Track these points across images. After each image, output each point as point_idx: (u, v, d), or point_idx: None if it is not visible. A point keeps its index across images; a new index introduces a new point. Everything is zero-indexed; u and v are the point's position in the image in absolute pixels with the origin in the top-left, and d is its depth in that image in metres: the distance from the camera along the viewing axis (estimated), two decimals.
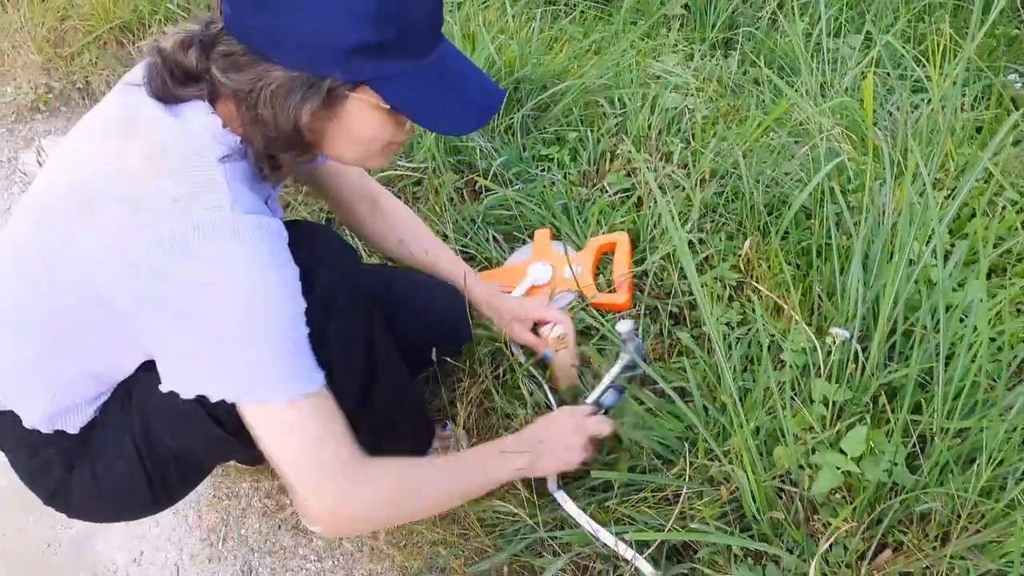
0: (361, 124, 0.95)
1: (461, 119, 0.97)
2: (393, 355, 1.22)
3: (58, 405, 1.05)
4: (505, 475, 1.16)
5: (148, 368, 0.99)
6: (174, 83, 0.93)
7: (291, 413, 0.93)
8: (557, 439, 1.20)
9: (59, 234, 0.94)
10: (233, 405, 0.94)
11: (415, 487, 1.06)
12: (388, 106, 0.93)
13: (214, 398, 0.93)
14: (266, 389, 0.92)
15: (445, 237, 1.66)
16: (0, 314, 1.03)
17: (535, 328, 1.39)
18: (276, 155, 0.97)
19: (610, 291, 1.49)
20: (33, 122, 2.50)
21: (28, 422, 1.06)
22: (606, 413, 1.27)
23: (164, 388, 0.94)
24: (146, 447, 1.09)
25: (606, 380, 1.29)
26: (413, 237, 1.40)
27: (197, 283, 0.87)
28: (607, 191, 1.67)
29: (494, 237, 1.66)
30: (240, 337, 0.89)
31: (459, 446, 1.40)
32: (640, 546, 1.17)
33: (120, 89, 1.00)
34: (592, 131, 1.80)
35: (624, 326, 1.31)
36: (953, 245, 1.43)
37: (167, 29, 0.99)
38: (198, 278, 0.87)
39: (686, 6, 2.36)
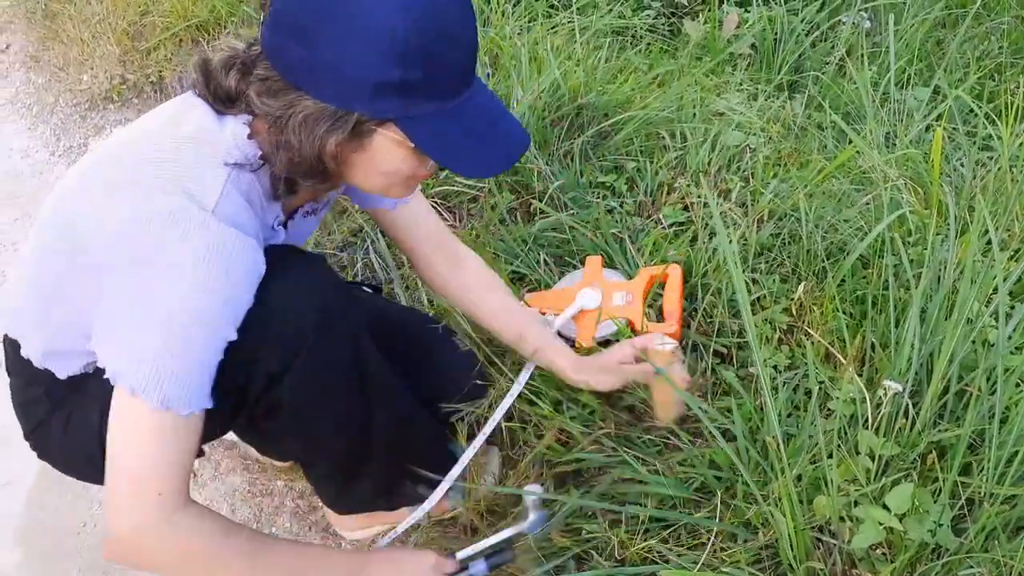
0: (385, 158, 0.97)
1: (483, 163, 0.98)
2: (393, 389, 1.21)
3: (49, 346, 1.09)
4: None
5: None
6: (216, 102, 0.97)
7: (151, 420, 0.90)
8: None
9: (83, 183, 1.00)
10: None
11: (212, 560, 0.97)
12: (413, 145, 0.94)
13: (101, 363, 0.92)
14: (146, 384, 0.88)
15: (495, 256, 1.67)
16: (25, 257, 1.09)
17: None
18: (295, 179, 0.99)
19: (659, 321, 1.48)
20: (105, 111, 2.59)
21: (24, 351, 1.11)
22: None
23: (89, 347, 0.95)
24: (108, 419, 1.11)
25: (493, 539, 1.23)
26: (497, 306, 1.36)
27: (147, 260, 0.88)
28: (662, 223, 1.67)
29: (545, 260, 1.66)
30: (155, 330, 0.88)
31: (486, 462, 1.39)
32: None
33: (184, 96, 1.03)
34: (651, 162, 1.80)
35: (530, 497, 1.25)
36: (1014, 307, 1.40)
37: (219, 43, 1.02)
38: (151, 257, 0.88)
39: (753, 46, 2.36)
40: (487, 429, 1.34)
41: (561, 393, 1.39)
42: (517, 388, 1.36)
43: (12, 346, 1.14)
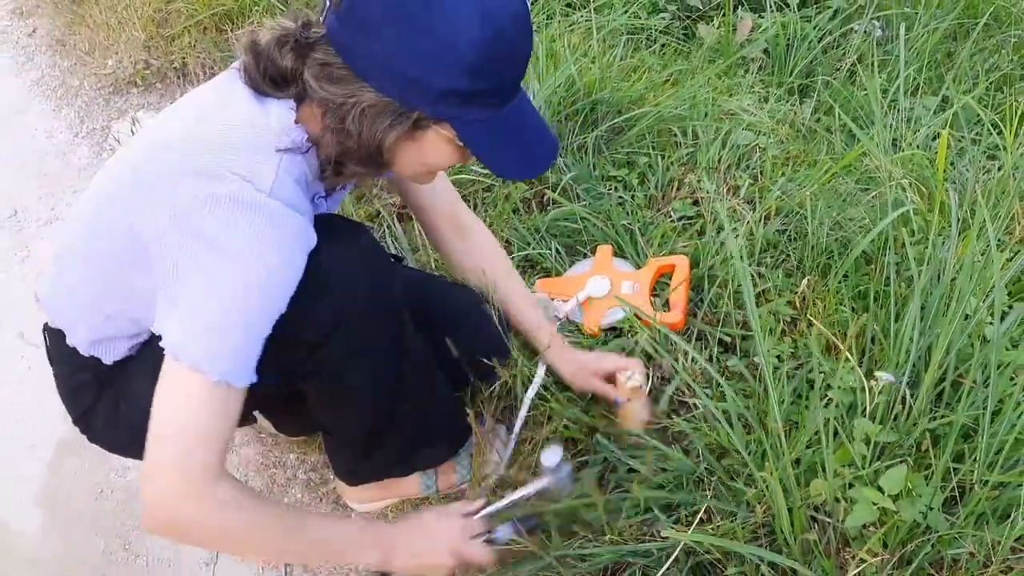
0: (433, 152, 1.02)
1: (523, 167, 1.05)
2: (425, 360, 1.26)
3: (97, 334, 1.13)
4: (357, 560, 1.14)
5: None
6: (267, 82, 0.99)
7: (205, 393, 0.92)
8: (428, 552, 1.16)
9: (132, 170, 1.03)
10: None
11: (250, 529, 1.00)
12: (462, 143, 0.99)
13: (162, 342, 0.94)
14: (206, 358, 0.92)
15: (508, 243, 1.71)
16: (68, 244, 1.13)
17: (611, 380, 1.38)
18: (345, 163, 1.03)
19: (664, 311, 1.53)
20: (129, 95, 2.64)
21: (70, 341, 1.15)
22: (492, 542, 1.21)
23: (153, 328, 0.97)
24: None
25: (515, 496, 1.26)
26: (502, 279, 1.42)
27: (210, 245, 0.92)
28: (671, 216, 1.72)
29: (557, 249, 1.71)
30: (216, 307, 0.92)
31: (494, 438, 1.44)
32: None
33: (228, 74, 1.07)
34: (662, 158, 1.85)
35: (550, 458, 1.28)
36: (1011, 307, 1.44)
37: (265, 21, 1.05)
38: (212, 241, 0.91)
39: (766, 51, 2.41)
40: (530, 393, 1.39)
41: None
42: (538, 379, 1.41)
43: (56, 335, 1.17)
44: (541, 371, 1.41)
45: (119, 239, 1.02)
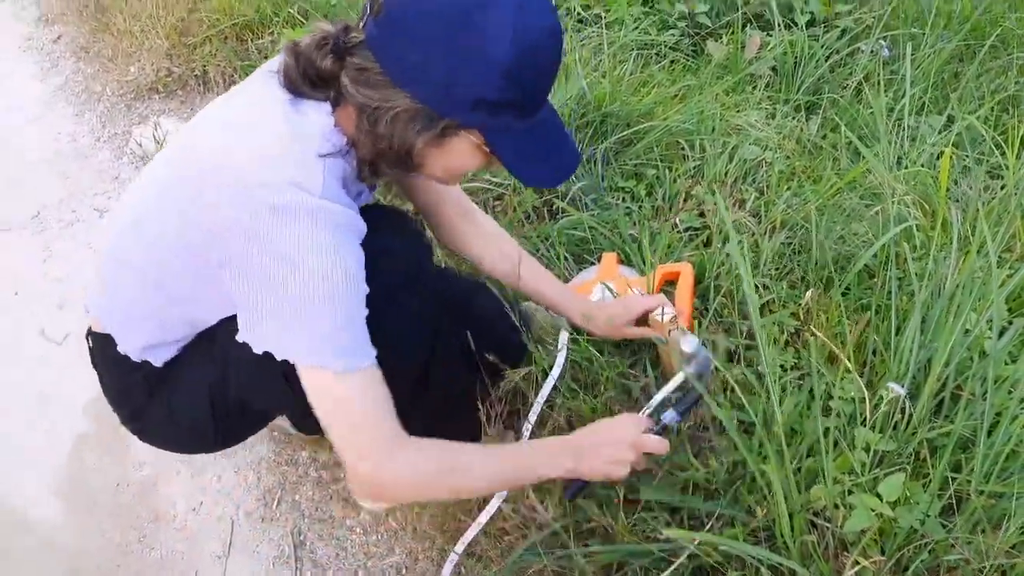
0: (460, 157, 1.07)
1: (547, 175, 1.09)
2: (455, 349, 1.31)
3: (151, 339, 1.19)
4: (551, 471, 1.20)
5: (232, 319, 1.09)
6: (305, 83, 1.04)
7: (343, 383, 1.02)
8: (611, 447, 1.21)
9: (188, 187, 1.07)
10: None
11: (459, 464, 1.10)
12: (488, 150, 1.04)
13: (279, 357, 1.02)
14: (324, 357, 1.00)
15: None
16: (122, 252, 1.16)
17: (641, 322, 1.44)
18: (379, 164, 1.09)
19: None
20: (150, 101, 2.70)
21: (122, 348, 1.20)
22: (664, 430, 1.28)
23: (239, 338, 1.04)
24: (219, 391, 1.22)
25: (664, 391, 1.30)
26: (513, 255, 1.48)
27: (283, 254, 0.97)
28: (678, 227, 1.76)
29: (564, 256, 1.75)
30: (310, 309, 0.98)
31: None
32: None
33: (261, 76, 1.11)
34: (670, 170, 1.89)
35: (689, 344, 1.33)
36: (1011, 322, 1.47)
37: (284, 32, 1.10)
38: (284, 250, 0.97)
39: (773, 68, 2.45)
40: (545, 389, 1.43)
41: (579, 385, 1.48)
42: (556, 372, 1.45)
43: (102, 341, 1.22)
44: (555, 372, 1.45)
45: (177, 253, 1.07)
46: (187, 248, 1.06)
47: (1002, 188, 1.89)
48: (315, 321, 0.99)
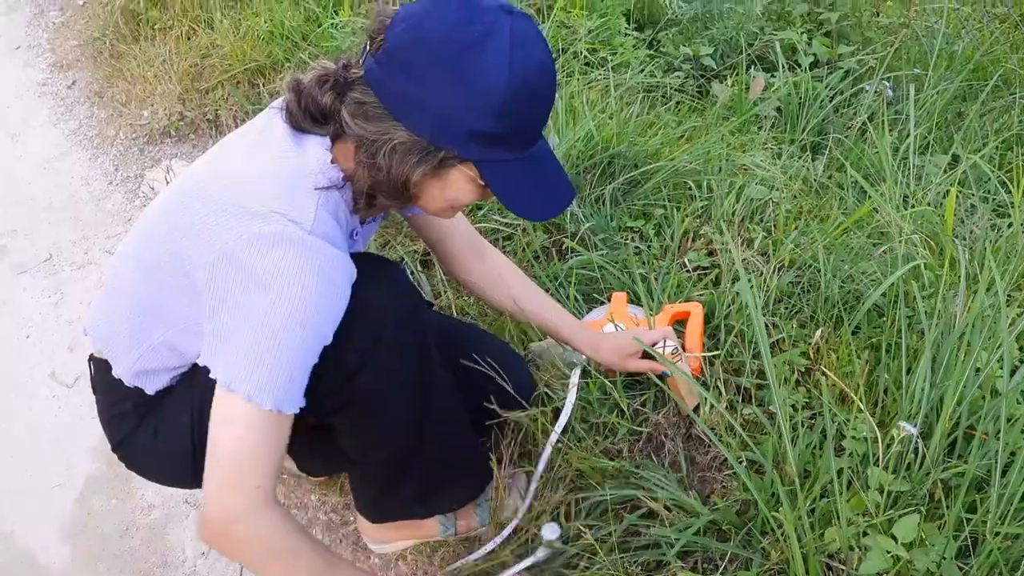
0: (456, 190, 1.08)
1: (540, 208, 1.11)
2: (451, 396, 1.30)
3: (141, 365, 1.19)
4: None
5: None
6: (306, 118, 1.06)
7: (258, 420, 0.98)
8: None
9: (181, 208, 1.09)
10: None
11: (294, 554, 1.04)
12: (483, 183, 1.06)
13: (214, 374, 1.00)
14: (254, 388, 0.97)
15: None
16: (119, 278, 1.19)
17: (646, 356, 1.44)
18: (376, 196, 1.10)
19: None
20: (163, 145, 2.74)
21: (115, 372, 1.21)
22: None
23: (199, 362, 1.04)
24: (199, 423, 1.19)
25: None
26: (522, 289, 1.49)
27: (258, 281, 0.97)
28: (687, 267, 1.76)
29: (575, 296, 1.75)
30: (267, 339, 0.97)
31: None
32: None
33: (268, 112, 1.14)
34: (678, 210, 1.90)
35: (550, 532, 1.33)
36: (1022, 361, 1.47)
37: (295, 75, 1.12)
38: (260, 277, 0.97)
39: (778, 108, 2.48)
40: (555, 431, 1.43)
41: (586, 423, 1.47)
42: (565, 416, 1.45)
43: (101, 365, 1.24)
44: (568, 409, 1.44)
45: (167, 274, 1.08)
46: (173, 270, 1.07)
47: (1009, 226, 1.90)
48: (263, 351, 0.97)
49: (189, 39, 2.90)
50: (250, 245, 0.98)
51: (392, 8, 1.02)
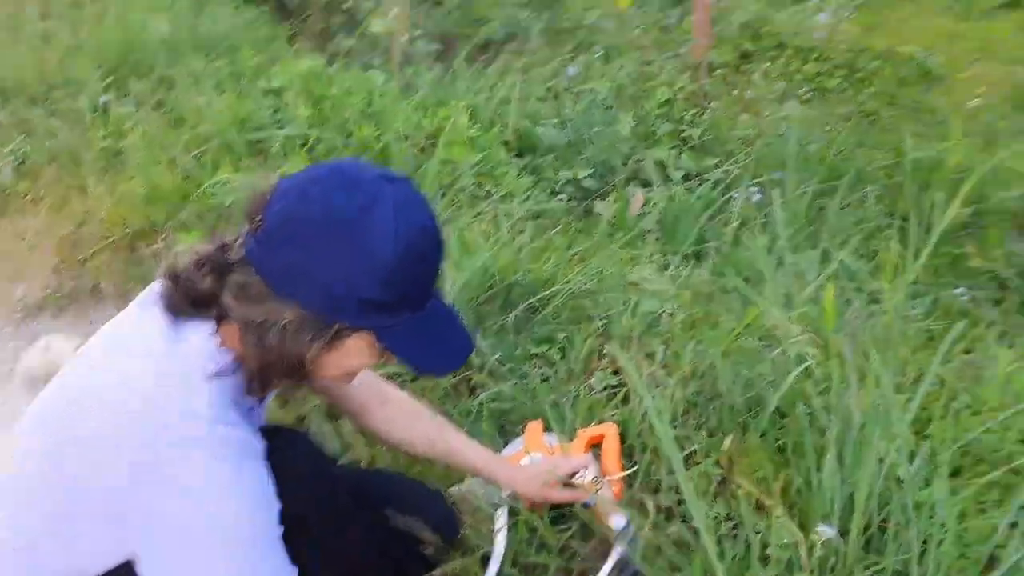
0: (355, 357, 1.06)
1: (442, 363, 1.11)
2: (372, 550, 1.27)
3: None
4: None
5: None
6: (185, 305, 1.02)
7: None
8: None
9: (62, 429, 1.01)
10: None
11: None
12: (382, 347, 1.05)
13: None
14: None
15: None
16: (15, 501, 1.06)
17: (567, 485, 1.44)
18: (268, 377, 1.06)
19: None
20: (39, 320, 2.62)
21: None
22: None
23: None
24: None
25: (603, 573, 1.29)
26: (433, 429, 1.46)
27: (183, 489, 0.92)
28: (594, 389, 1.79)
29: (488, 431, 1.74)
30: (219, 556, 0.93)
31: None
32: None
33: (135, 308, 1.09)
34: (579, 331, 1.94)
35: (617, 521, 1.34)
36: (920, 445, 1.53)
37: (179, 248, 1.08)
38: (186, 485, 0.92)
39: (659, 221, 2.61)
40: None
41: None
42: (495, 565, 1.41)
43: None
44: (497, 558, 1.40)
45: (56, 495, 0.99)
46: (76, 494, 0.97)
47: (884, 312, 2.03)
48: (229, 567, 0.94)
49: (61, 209, 2.83)
50: (160, 458, 0.93)
51: (268, 183, 1.01)
